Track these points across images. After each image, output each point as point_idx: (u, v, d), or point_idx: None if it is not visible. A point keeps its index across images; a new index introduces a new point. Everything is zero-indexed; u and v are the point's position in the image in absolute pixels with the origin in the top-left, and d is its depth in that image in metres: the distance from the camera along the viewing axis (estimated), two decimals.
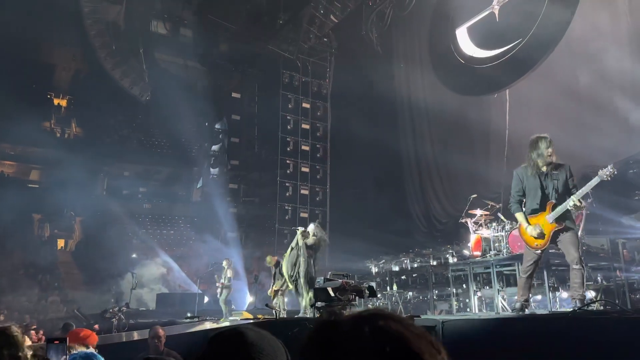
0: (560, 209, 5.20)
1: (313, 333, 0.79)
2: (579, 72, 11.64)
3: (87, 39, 24.09)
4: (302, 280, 9.25)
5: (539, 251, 5.39)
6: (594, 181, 5.20)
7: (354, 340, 0.73)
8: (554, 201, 5.29)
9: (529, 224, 5.35)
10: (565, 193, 5.31)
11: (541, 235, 5.25)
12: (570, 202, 5.12)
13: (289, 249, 9.88)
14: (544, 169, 5.32)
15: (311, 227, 9.85)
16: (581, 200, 5.18)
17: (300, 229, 9.90)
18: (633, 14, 10.72)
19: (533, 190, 5.41)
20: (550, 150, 5.27)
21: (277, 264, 10.87)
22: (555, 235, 5.28)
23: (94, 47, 24.03)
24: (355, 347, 0.72)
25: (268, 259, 11.59)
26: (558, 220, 5.22)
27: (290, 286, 9.74)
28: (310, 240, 9.57)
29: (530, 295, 5.91)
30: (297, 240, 9.66)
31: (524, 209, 5.54)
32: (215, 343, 1.21)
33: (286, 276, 9.76)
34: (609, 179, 5.14)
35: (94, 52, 24.27)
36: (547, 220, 5.25)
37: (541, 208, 5.36)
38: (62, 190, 21.74)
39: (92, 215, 23.25)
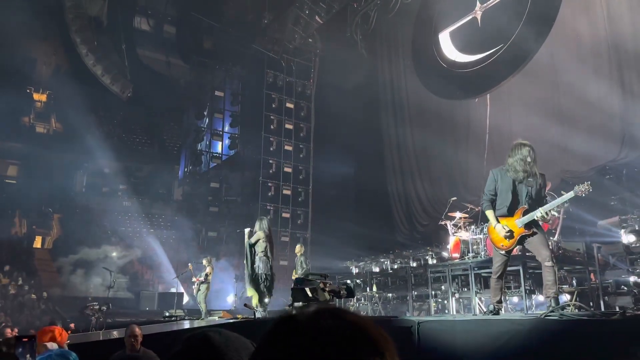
0: (529, 217, 5.26)
1: (267, 332, 0.80)
2: (559, 79, 11.84)
3: (69, 34, 23.77)
4: (261, 280, 9.09)
5: (504, 252, 5.46)
6: (568, 195, 5.24)
7: (309, 336, 0.74)
8: (526, 206, 5.35)
9: (498, 222, 5.42)
10: (538, 201, 5.38)
11: (509, 236, 5.31)
12: (537, 214, 5.18)
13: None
14: (521, 175, 5.37)
15: (256, 224, 9.50)
16: (548, 212, 5.23)
17: (247, 230, 9.58)
18: (611, 21, 10.92)
19: (504, 193, 5.46)
20: (530, 158, 5.31)
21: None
22: (522, 239, 5.36)
23: (75, 42, 23.70)
24: (311, 342, 0.73)
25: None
26: (527, 225, 5.29)
27: (250, 289, 9.42)
28: (253, 238, 9.26)
29: (504, 296, 5.99)
30: (245, 241, 9.40)
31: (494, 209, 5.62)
32: (183, 347, 1.23)
33: (246, 278, 9.44)
34: (584, 195, 5.19)
35: (75, 47, 23.94)
36: (516, 224, 5.33)
37: (509, 212, 5.41)
38: (40, 187, 21.43)
39: (71, 212, 22.95)
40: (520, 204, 5.39)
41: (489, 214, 5.56)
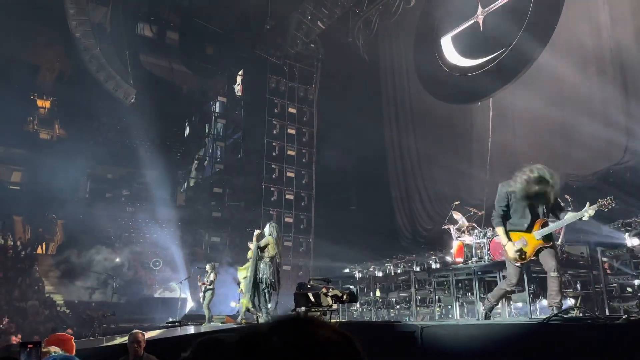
0: (549, 229, 5.18)
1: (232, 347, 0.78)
2: (561, 82, 11.83)
3: (72, 40, 23.86)
4: (263, 285, 8.88)
5: (519, 264, 5.35)
6: (592, 209, 5.11)
7: (270, 349, 0.72)
8: (545, 219, 5.27)
9: (509, 239, 5.30)
10: (554, 209, 5.29)
11: (520, 254, 5.21)
12: (585, 215, 5.06)
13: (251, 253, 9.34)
14: (538, 199, 5.21)
15: (266, 228, 9.36)
16: (593, 210, 5.11)
17: (257, 231, 9.45)
18: (614, 27, 10.91)
19: (521, 209, 5.31)
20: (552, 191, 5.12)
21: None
22: (539, 250, 5.24)
23: (78, 48, 23.78)
24: (271, 354, 0.71)
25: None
26: (545, 238, 5.20)
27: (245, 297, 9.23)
28: (263, 241, 9.11)
29: (508, 301, 5.95)
30: (254, 243, 9.23)
31: (507, 225, 5.44)
32: (195, 349, 1.25)
33: (248, 283, 9.18)
34: (606, 209, 5.13)
35: (78, 53, 24.03)
36: (534, 236, 5.22)
37: (528, 229, 5.28)
38: (43, 193, 21.48)
39: (74, 218, 23.00)
40: (539, 216, 5.27)
41: (500, 230, 5.41)
